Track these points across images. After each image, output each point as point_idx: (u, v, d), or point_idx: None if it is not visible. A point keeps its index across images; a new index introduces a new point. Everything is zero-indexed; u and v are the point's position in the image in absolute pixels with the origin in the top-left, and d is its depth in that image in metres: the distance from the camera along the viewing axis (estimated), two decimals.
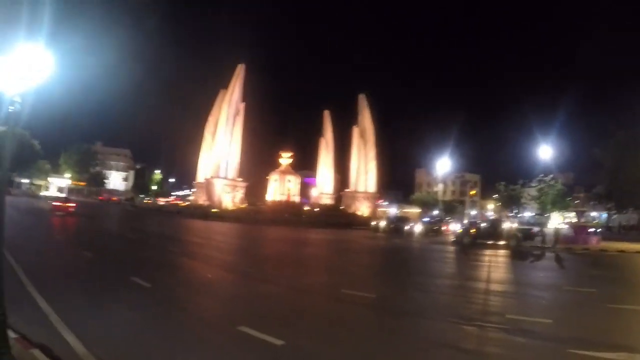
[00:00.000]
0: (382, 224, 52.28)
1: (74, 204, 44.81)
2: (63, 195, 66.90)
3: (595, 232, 37.19)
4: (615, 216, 72.37)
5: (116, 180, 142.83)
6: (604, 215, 77.61)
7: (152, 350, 7.30)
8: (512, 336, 8.96)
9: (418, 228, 49.00)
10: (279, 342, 7.89)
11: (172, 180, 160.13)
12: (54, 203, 44.65)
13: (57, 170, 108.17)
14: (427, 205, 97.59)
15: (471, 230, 36.94)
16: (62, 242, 22.19)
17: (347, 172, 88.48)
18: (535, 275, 19.70)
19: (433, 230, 49.80)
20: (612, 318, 10.96)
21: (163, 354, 7.17)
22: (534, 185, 75.63)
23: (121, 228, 35.82)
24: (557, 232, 33.75)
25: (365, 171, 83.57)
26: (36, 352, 6.19)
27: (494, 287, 15.85)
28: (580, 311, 11.96)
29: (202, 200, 77.66)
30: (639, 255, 28.48)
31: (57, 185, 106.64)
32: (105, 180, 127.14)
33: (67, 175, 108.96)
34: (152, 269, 15.59)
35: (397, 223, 51.87)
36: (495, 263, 23.63)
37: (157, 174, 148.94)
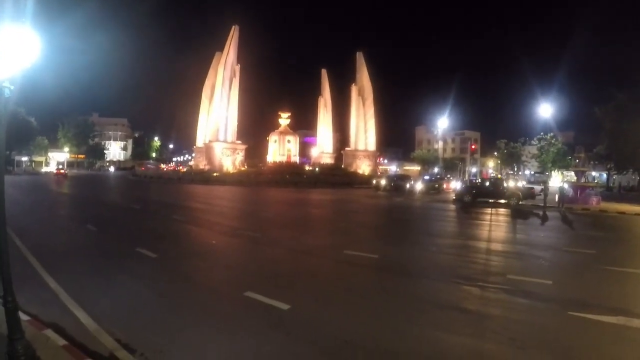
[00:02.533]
0: (383, 182, 52.36)
1: (65, 171, 74.54)
2: (61, 166, 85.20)
3: (595, 193, 37.16)
4: (615, 177, 72.49)
5: (115, 150, 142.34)
6: (604, 175, 77.75)
7: (160, 321, 7.44)
8: (513, 297, 9.16)
9: (419, 186, 49.16)
10: (285, 306, 8.11)
11: (171, 146, 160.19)
12: (55, 171, 71.64)
13: (55, 145, 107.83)
14: (427, 162, 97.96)
15: (472, 189, 37.13)
16: (66, 218, 22.12)
17: (347, 131, 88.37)
18: (536, 235, 19.77)
19: (434, 188, 49.97)
20: (610, 280, 11.11)
21: (171, 324, 7.30)
22: (534, 143, 75.53)
23: (124, 198, 35.86)
24: (562, 191, 33.77)
25: (364, 129, 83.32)
26: (49, 332, 6.31)
27: (495, 246, 16.02)
28: (579, 273, 12.10)
29: (202, 164, 77.68)
30: (639, 217, 28.59)
31: (56, 160, 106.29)
32: (105, 151, 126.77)
33: (66, 149, 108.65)
34: (156, 239, 15.67)
35: (398, 181, 51.98)
36: (496, 222, 23.77)
37: (156, 141, 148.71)
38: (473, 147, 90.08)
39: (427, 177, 58.45)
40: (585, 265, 12.96)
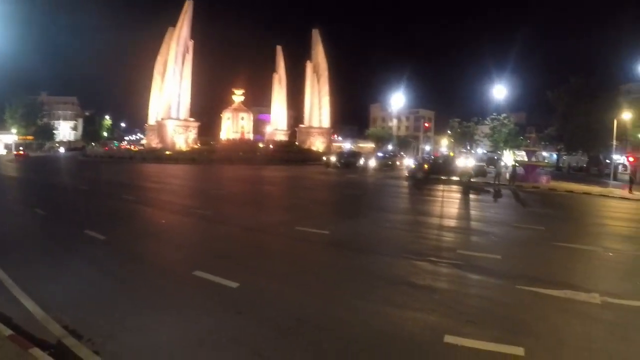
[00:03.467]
0: (333, 159, 52.53)
1: (24, 152, 73.84)
2: (21, 147, 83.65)
3: (545, 172, 38.34)
4: (565, 157, 75.04)
5: (65, 130, 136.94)
6: (554, 155, 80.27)
7: (109, 305, 7.27)
8: (463, 272, 9.37)
9: (372, 163, 49.59)
10: (234, 284, 8.08)
11: (123, 124, 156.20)
12: (15, 152, 74.27)
13: (2, 127, 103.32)
14: (381, 140, 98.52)
15: (424, 166, 37.68)
16: (13, 202, 21.14)
17: (301, 108, 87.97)
18: (486, 212, 20.28)
19: (387, 165, 50.46)
20: (558, 256, 11.48)
21: (120, 307, 7.17)
22: (487, 123, 77.10)
23: (74, 180, 34.65)
24: (514, 169, 34.77)
25: (319, 107, 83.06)
26: None
27: (446, 222, 16.36)
28: (528, 248, 12.50)
29: (154, 143, 76.04)
30: (586, 195, 29.61)
31: (4, 142, 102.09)
32: (54, 132, 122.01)
33: (14, 130, 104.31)
34: (106, 221, 15.30)
35: (348, 158, 52.34)
36: (447, 199, 24.16)
37: (107, 119, 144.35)
38: (426, 125, 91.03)
39: (380, 154, 58.96)
40: (535, 241, 13.36)
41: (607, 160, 54.87)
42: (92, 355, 5.51)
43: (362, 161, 50.94)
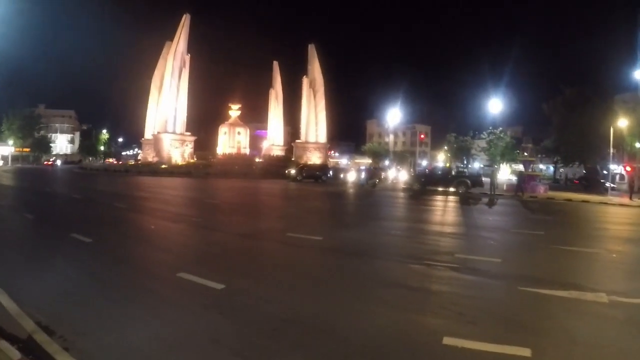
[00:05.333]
0: (293, 172, 54.12)
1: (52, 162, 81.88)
2: (53, 158, 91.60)
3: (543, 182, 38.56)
4: (562, 169, 75.32)
5: (62, 143, 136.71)
6: (551, 168, 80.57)
7: (88, 304, 6.91)
8: (462, 274, 9.01)
9: (352, 176, 52.09)
10: (219, 286, 7.71)
11: (120, 139, 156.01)
12: (46, 162, 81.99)
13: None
14: (378, 155, 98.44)
15: (421, 178, 37.82)
16: (3, 207, 20.84)
17: (298, 123, 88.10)
18: (484, 218, 20.03)
19: (371, 179, 51.38)
20: (560, 258, 11.14)
21: (99, 306, 6.80)
22: (483, 137, 77.38)
23: (67, 189, 34.31)
24: (520, 179, 34.87)
25: (315, 122, 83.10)
26: None
27: (443, 229, 16.11)
28: (528, 251, 12.18)
29: (151, 157, 75.94)
30: (585, 203, 29.56)
31: (0, 154, 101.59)
32: (51, 145, 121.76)
33: (10, 142, 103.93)
34: (94, 225, 14.87)
35: (310, 172, 53.93)
36: (443, 207, 23.99)
37: (104, 133, 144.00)
38: (422, 136, 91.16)
39: (363, 168, 59.50)
40: (535, 245, 13.12)
41: (604, 172, 54.91)
42: (61, 352, 5.13)
43: (330, 174, 52.71)
